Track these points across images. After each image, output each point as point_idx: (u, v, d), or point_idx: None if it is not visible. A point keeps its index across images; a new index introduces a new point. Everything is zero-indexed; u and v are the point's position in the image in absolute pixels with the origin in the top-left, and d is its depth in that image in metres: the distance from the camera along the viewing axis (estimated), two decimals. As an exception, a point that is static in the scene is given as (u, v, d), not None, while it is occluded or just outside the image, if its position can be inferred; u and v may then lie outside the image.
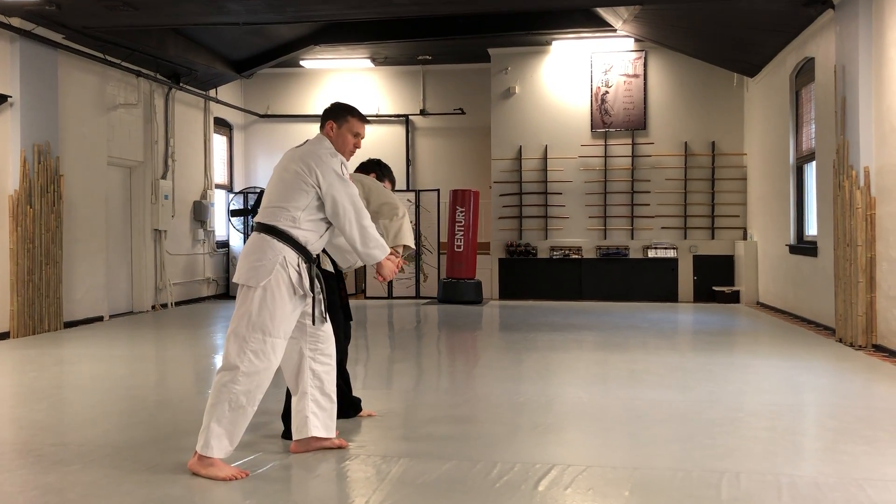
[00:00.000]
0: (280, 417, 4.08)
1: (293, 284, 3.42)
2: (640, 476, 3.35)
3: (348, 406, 4.38)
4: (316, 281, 3.55)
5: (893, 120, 6.50)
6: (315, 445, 3.70)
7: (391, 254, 3.67)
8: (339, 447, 3.75)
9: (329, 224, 3.56)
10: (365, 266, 5.00)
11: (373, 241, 3.52)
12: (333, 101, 3.83)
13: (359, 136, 3.69)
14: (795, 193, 9.48)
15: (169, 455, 3.71)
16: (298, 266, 3.45)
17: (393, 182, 4.60)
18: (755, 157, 11.34)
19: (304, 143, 3.65)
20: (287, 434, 3.89)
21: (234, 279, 3.50)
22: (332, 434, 3.73)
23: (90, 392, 5.36)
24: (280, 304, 3.40)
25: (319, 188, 3.45)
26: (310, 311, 3.59)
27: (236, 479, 3.31)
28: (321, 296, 3.60)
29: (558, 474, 3.36)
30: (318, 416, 3.66)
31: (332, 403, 3.72)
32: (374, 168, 4.54)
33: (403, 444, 3.93)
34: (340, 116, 3.66)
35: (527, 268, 12.17)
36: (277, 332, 3.41)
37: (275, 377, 3.50)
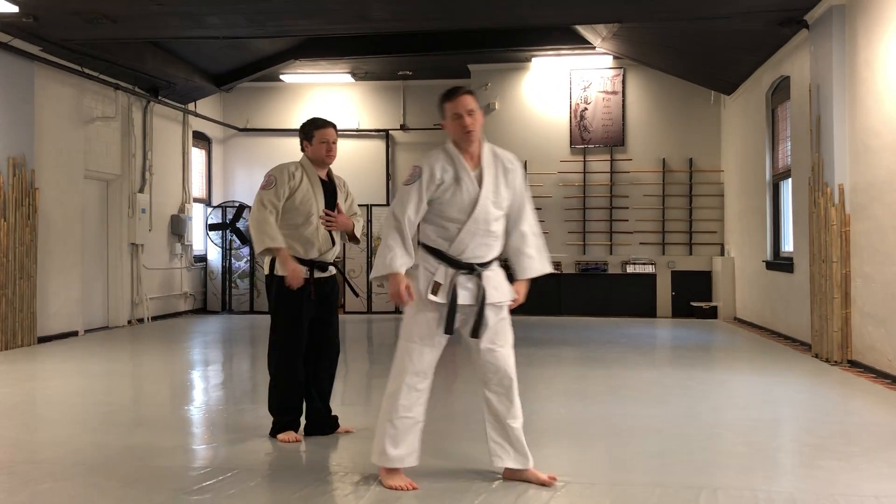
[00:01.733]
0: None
1: (419, 289, 3.37)
2: (619, 492, 3.34)
3: (325, 424, 4.36)
4: (455, 286, 3.33)
5: (867, 138, 6.60)
6: (514, 476, 3.48)
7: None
8: (541, 482, 3.42)
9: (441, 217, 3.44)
10: (345, 279, 4.98)
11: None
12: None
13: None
14: (772, 210, 9.59)
15: (144, 472, 3.66)
16: (423, 269, 3.40)
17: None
18: (732, 173, 11.46)
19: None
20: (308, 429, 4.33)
21: None
22: (526, 465, 3.45)
23: (63, 408, 5.28)
24: (410, 309, 3.40)
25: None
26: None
27: (408, 489, 3.35)
28: (454, 303, 3.33)
29: (536, 491, 3.35)
30: (500, 446, 3.46)
31: (509, 432, 3.44)
32: None
33: (382, 461, 3.89)
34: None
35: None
36: (411, 336, 3.38)
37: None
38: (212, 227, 12.55)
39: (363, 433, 4.39)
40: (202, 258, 12.71)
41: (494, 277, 3.45)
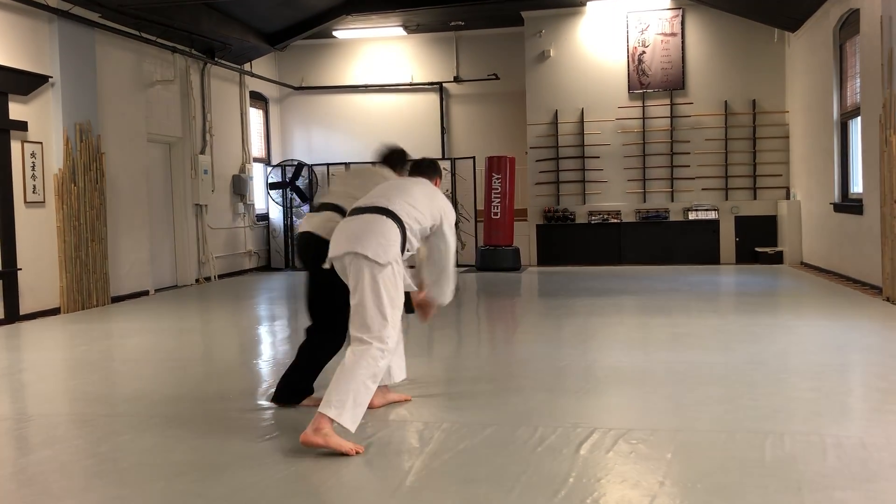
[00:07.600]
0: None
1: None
2: (683, 438, 3.34)
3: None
4: None
5: (943, 71, 6.29)
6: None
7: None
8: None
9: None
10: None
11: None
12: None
13: None
14: (839, 150, 9.26)
15: (216, 423, 3.80)
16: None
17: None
18: (797, 114, 11.07)
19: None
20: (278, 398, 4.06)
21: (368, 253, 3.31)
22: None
23: (139, 364, 5.49)
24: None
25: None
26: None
27: (357, 453, 3.24)
28: None
29: (599, 438, 3.36)
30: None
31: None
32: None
33: (444, 411, 3.96)
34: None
35: (565, 233, 12.10)
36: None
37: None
38: (272, 186, 12.73)
39: (427, 386, 4.47)
40: (264, 217, 12.93)
41: None
